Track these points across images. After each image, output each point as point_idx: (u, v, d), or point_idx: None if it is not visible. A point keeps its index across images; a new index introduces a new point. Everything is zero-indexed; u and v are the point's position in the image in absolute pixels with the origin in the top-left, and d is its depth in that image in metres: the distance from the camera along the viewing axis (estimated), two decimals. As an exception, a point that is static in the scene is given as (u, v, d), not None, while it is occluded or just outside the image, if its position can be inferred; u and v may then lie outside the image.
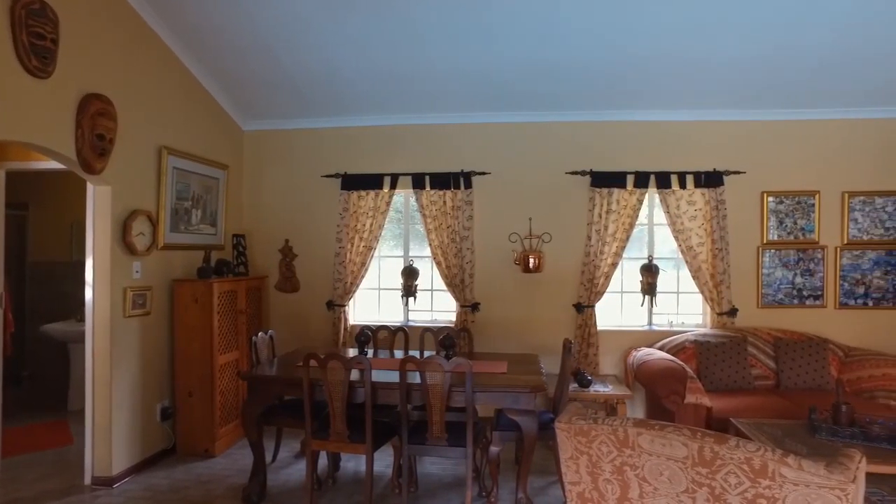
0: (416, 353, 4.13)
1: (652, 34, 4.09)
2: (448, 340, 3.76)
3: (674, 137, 5.16)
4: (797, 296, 5.11)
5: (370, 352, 4.40)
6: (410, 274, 5.30)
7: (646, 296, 5.15)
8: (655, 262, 5.11)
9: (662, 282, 5.15)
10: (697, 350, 4.66)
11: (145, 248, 4.15)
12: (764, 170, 5.10)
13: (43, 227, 6.42)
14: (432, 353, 3.51)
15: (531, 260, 5.00)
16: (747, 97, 4.88)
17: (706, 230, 5.03)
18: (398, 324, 5.25)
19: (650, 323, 5.31)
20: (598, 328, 5.11)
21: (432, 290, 5.55)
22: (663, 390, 4.10)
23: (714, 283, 5.02)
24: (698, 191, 5.05)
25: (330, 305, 5.40)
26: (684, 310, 5.35)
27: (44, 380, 6.28)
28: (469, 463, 3.36)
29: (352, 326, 5.41)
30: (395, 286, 5.48)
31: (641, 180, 5.05)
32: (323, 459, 4.12)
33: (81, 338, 4.24)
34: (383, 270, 5.64)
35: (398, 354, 4.27)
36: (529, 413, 3.37)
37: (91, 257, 3.89)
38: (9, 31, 3.07)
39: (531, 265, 5.01)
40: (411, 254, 5.51)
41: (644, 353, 4.67)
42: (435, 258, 5.24)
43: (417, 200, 5.29)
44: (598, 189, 5.08)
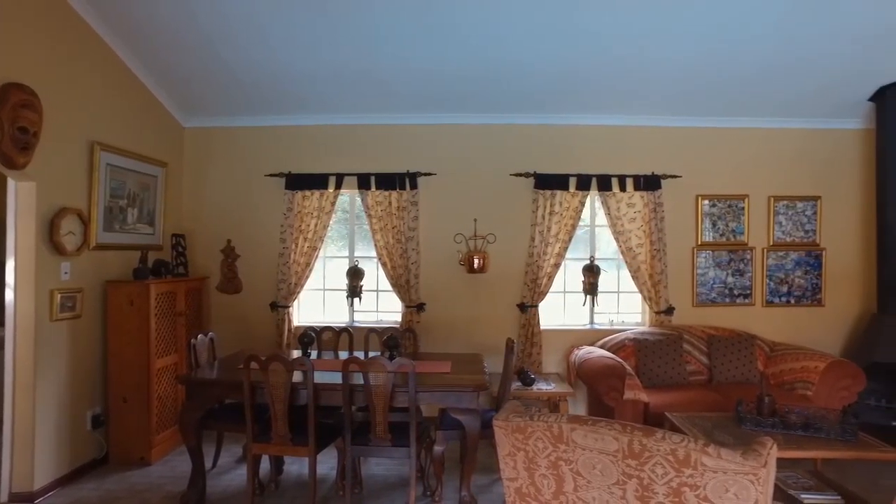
0: (361, 354, 4.10)
1: (594, 41, 4.21)
2: (392, 341, 3.76)
3: (615, 141, 5.32)
4: (728, 294, 5.37)
5: (314, 353, 4.35)
6: (356, 274, 5.26)
7: (588, 295, 5.29)
8: (597, 263, 5.26)
9: (604, 282, 5.32)
10: (636, 348, 4.82)
11: (75, 248, 3.97)
12: (698, 174, 5.34)
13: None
14: (377, 354, 3.50)
15: (476, 260, 5.05)
16: (684, 104, 5.10)
17: (645, 232, 5.22)
18: (343, 325, 5.20)
19: (592, 322, 5.46)
20: (542, 327, 5.22)
21: (378, 291, 5.53)
22: (603, 387, 4.22)
23: (652, 283, 5.21)
24: (637, 193, 5.23)
25: (274, 306, 5.30)
26: (624, 309, 5.53)
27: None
28: (413, 462, 3.37)
29: (296, 328, 5.33)
30: (341, 287, 5.43)
31: (583, 183, 5.18)
32: (265, 463, 4.04)
33: (1, 343, 4.00)
34: (328, 271, 5.57)
35: (343, 355, 4.23)
36: (472, 412, 3.41)
37: (13, 258, 3.68)
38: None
39: (476, 265, 5.06)
40: (357, 254, 5.47)
41: (585, 352, 4.80)
42: (380, 258, 5.23)
43: (363, 201, 5.26)
44: (542, 191, 5.19)
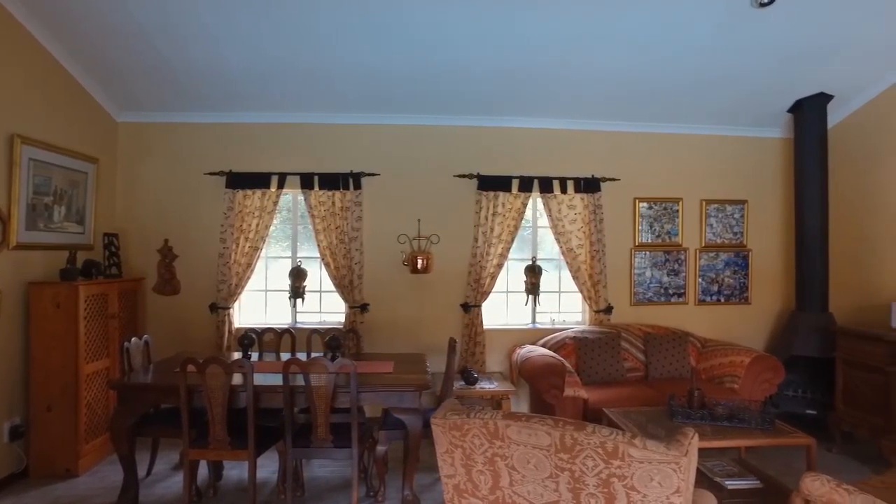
0: (304, 356, 4.06)
1: (537, 46, 4.30)
2: (334, 342, 3.74)
3: (556, 145, 5.46)
4: (664, 293, 5.60)
5: (255, 355, 4.26)
6: (298, 275, 5.19)
7: (530, 295, 5.41)
8: (539, 264, 5.38)
9: (545, 282, 5.45)
10: (577, 346, 4.95)
11: (-6, 248, 3.75)
12: (636, 177, 5.54)
13: None
14: (319, 355, 3.47)
15: (420, 261, 5.07)
16: (622, 110, 5.29)
17: (585, 233, 5.37)
18: (285, 326, 5.11)
19: (534, 321, 5.58)
20: (485, 327, 5.30)
21: (321, 292, 5.47)
22: (544, 385, 4.32)
23: (592, 283, 5.37)
24: (578, 196, 5.37)
25: (213, 308, 5.16)
26: (565, 308, 5.68)
27: None
28: (355, 463, 3.36)
29: (237, 329, 5.20)
30: (283, 287, 5.34)
31: (525, 185, 5.29)
32: (203, 469, 3.93)
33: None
34: (270, 271, 5.47)
35: (285, 357, 4.16)
36: (415, 411, 3.44)
37: (-75, 258, 3.45)
38: None
39: (420, 266, 5.08)
40: (300, 254, 5.40)
41: (527, 351, 4.89)
42: (323, 259, 5.17)
43: (306, 200, 5.19)
44: (485, 192, 5.26)
